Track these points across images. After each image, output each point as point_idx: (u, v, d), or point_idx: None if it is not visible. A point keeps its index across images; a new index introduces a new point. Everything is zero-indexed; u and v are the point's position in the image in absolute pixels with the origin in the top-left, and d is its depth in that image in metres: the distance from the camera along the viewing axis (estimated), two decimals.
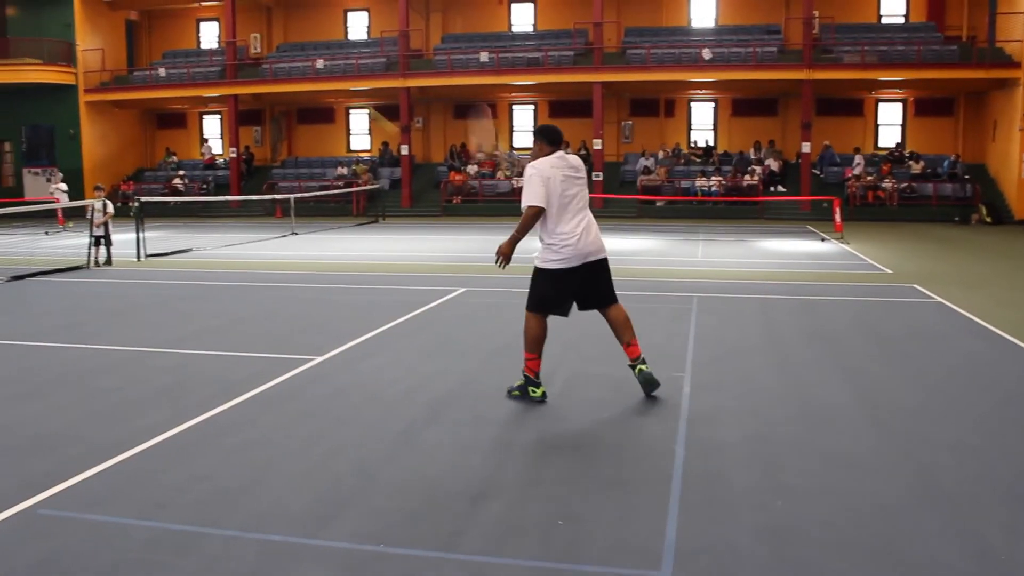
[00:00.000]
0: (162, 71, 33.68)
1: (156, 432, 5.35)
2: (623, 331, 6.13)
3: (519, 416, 5.74)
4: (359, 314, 9.77)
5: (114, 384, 6.64)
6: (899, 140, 30.79)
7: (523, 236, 5.91)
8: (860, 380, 6.74)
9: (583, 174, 6.03)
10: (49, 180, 27.90)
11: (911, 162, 28.74)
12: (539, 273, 5.99)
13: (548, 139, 5.98)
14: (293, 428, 5.52)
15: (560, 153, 5.95)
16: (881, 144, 31.20)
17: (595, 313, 6.24)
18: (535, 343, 6.01)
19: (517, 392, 6.13)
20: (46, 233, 23.83)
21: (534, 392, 6.04)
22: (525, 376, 6.08)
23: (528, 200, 5.81)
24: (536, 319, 6.00)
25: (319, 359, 7.43)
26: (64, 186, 27.75)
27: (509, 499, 4.30)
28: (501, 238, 6.11)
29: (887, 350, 7.87)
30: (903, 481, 4.54)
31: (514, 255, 5.99)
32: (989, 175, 28.63)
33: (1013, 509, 4.16)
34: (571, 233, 5.84)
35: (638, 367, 6.14)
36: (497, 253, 5.97)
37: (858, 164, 28.57)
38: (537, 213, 5.81)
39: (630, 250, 17.53)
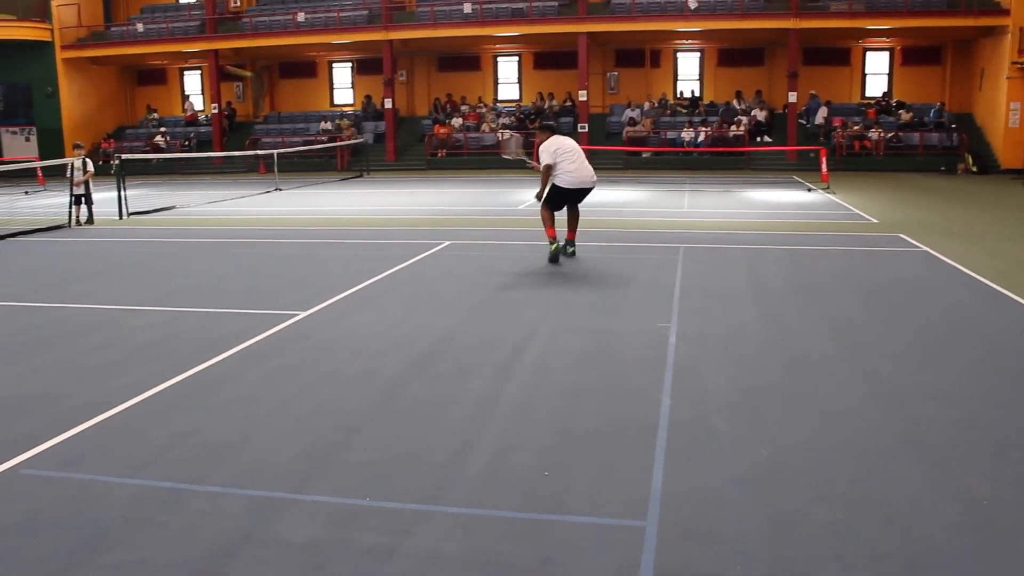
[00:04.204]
0: (140, 26, 33.09)
1: (139, 390, 5.32)
2: (574, 223, 10.32)
3: (503, 368, 5.73)
4: (343, 269, 9.71)
5: (97, 343, 6.59)
6: (886, 90, 30.66)
7: (545, 183, 9.84)
8: (845, 329, 6.75)
9: (572, 145, 9.93)
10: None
11: (900, 112, 28.63)
12: (553, 187, 9.88)
13: (550, 129, 10.21)
14: (277, 384, 5.49)
15: (553, 137, 9.96)
16: (868, 94, 31.05)
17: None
18: (548, 221, 9.93)
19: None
20: (25, 193, 23.55)
21: (552, 246, 9.80)
22: (550, 239, 9.84)
23: (543, 161, 9.80)
24: (546, 210, 10.04)
25: (303, 314, 7.39)
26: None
27: (493, 451, 4.29)
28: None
29: (873, 300, 7.88)
30: (887, 429, 4.56)
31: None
32: (976, 124, 28.55)
33: (995, 456, 4.19)
34: (566, 171, 9.78)
35: (568, 246, 10.21)
36: (537, 196, 10.10)
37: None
38: (547, 168, 9.77)
39: (616, 201, 17.45)
